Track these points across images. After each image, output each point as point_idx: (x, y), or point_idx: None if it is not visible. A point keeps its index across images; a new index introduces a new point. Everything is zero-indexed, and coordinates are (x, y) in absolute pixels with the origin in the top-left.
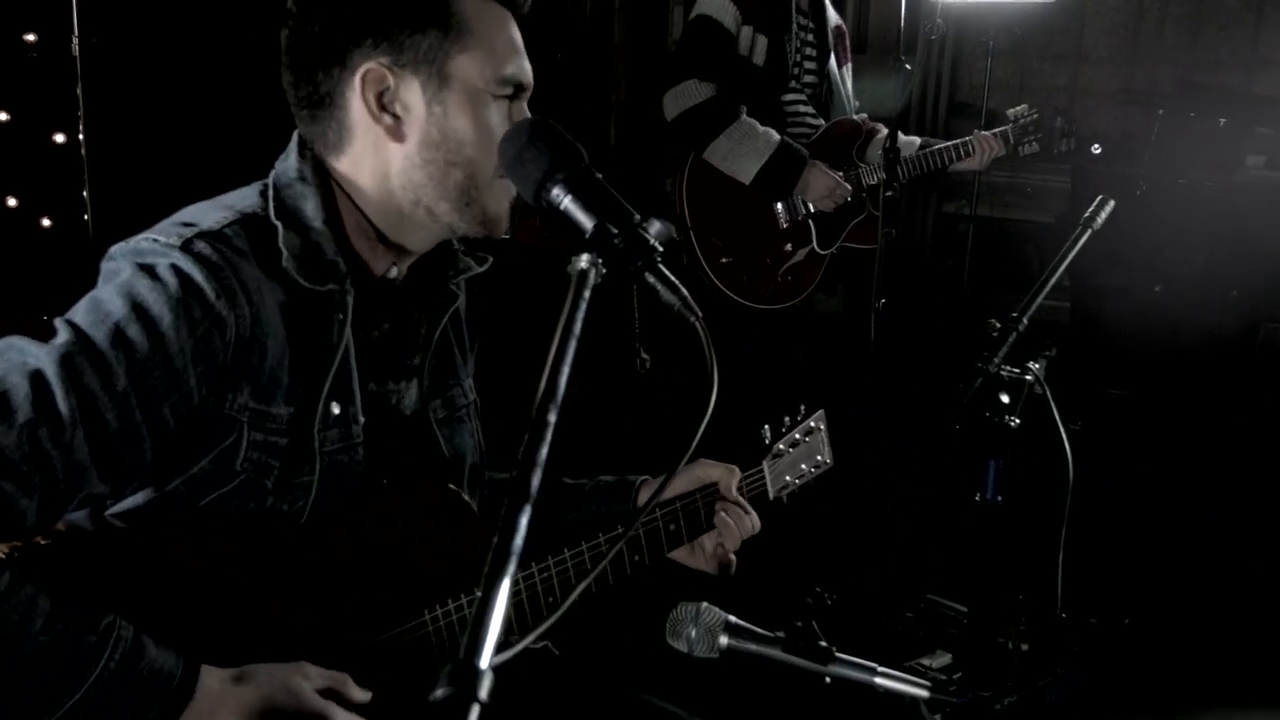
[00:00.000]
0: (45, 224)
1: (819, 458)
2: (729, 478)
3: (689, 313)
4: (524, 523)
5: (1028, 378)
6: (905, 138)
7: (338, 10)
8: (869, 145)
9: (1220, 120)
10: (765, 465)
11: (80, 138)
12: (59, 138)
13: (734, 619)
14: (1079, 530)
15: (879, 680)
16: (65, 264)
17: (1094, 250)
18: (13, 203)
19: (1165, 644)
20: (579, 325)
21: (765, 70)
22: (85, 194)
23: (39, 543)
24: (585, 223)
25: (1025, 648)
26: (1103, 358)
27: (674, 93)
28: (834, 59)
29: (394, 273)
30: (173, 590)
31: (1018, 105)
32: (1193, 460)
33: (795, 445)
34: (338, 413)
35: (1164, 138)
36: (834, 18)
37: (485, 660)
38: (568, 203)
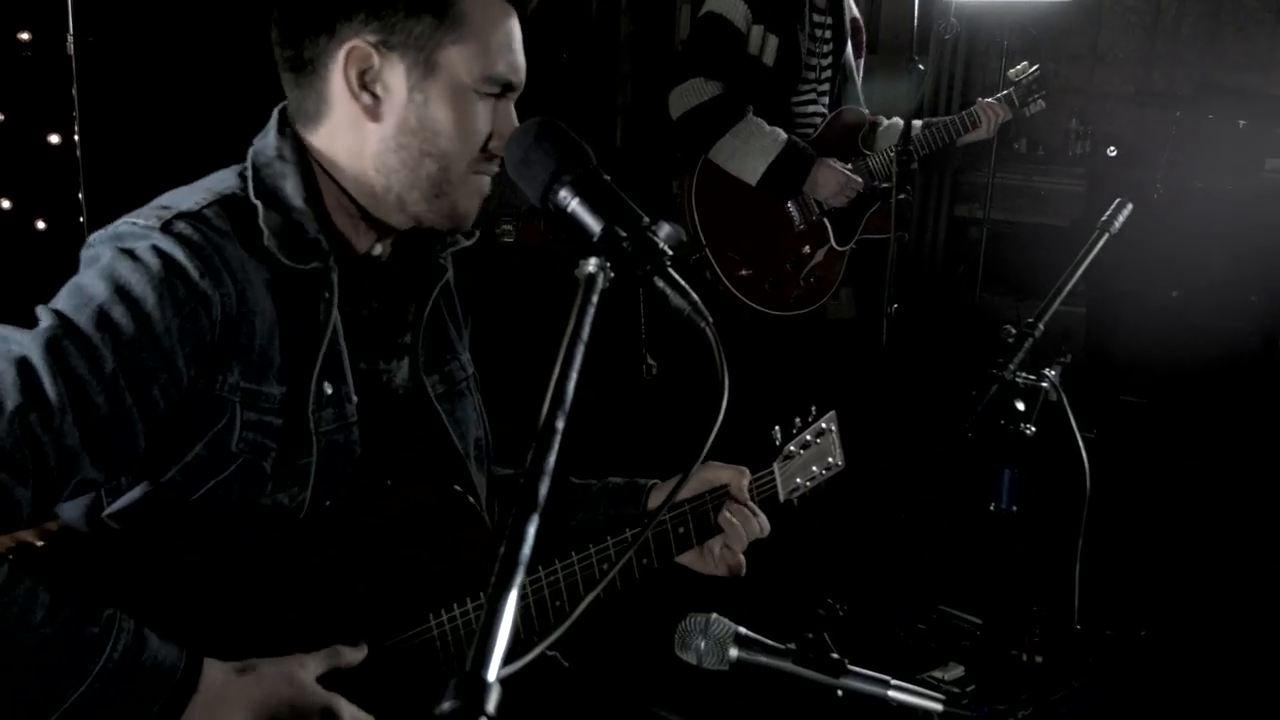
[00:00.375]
0: (40, 226)
1: (830, 460)
2: (739, 479)
3: (699, 318)
4: (531, 532)
5: (1043, 385)
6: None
7: None
8: (874, 133)
9: (1239, 122)
10: (776, 467)
11: (75, 138)
12: (54, 138)
13: (744, 630)
14: (1095, 541)
15: (892, 694)
16: (60, 267)
17: (1110, 255)
18: (6, 205)
19: (1182, 657)
20: (587, 330)
21: (775, 70)
22: (80, 196)
23: (36, 545)
24: (593, 225)
25: (1040, 660)
26: (1119, 365)
27: (679, 91)
28: (850, 51)
29: (378, 250)
30: (171, 592)
31: (1017, 65)
32: (1211, 469)
33: (806, 447)
34: (330, 392)
35: (1181, 140)
36: (852, 9)
37: (493, 673)
38: (575, 205)
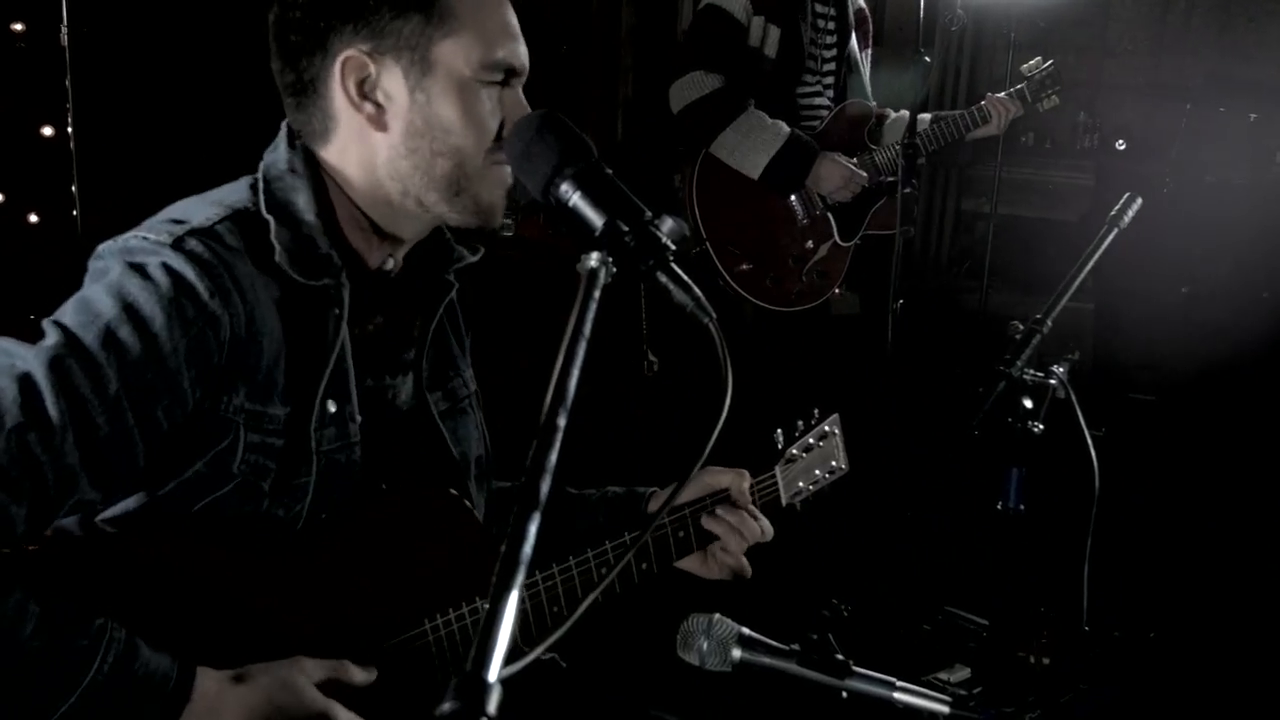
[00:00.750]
0: (32, 220)
1: (834, 463)
2: (739, 481)
3: (702, 314)
4: (533, 530)
5: (1051, 382)
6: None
7: None
8: (881, 127)
9: (1251, 115)
10: (778, 471)
11: (69, 131)
12: (47, 131)
13: (747, 631)
14: (1104, 540)
15: (898, 695)
16: (53, 261)
17: (1119, 250)
18: None
19: (1192, 659)
20: (589, 326)
21: (778, 62)
22: (74, 189)
23: (28, 549)
24: (595, 220)
25: (1047, 662)
26: (1128, 362)
27: (680, 84)
28: (855, 42)
29: (389, 264)
30: (165, 598)
31: (1028, 59)
32: (1222, 468)
33: (809, 450)
34: (334, 411)
35: (1191, 133)
36: (857, 0)
37: (494, 673)
38: (577, 199)
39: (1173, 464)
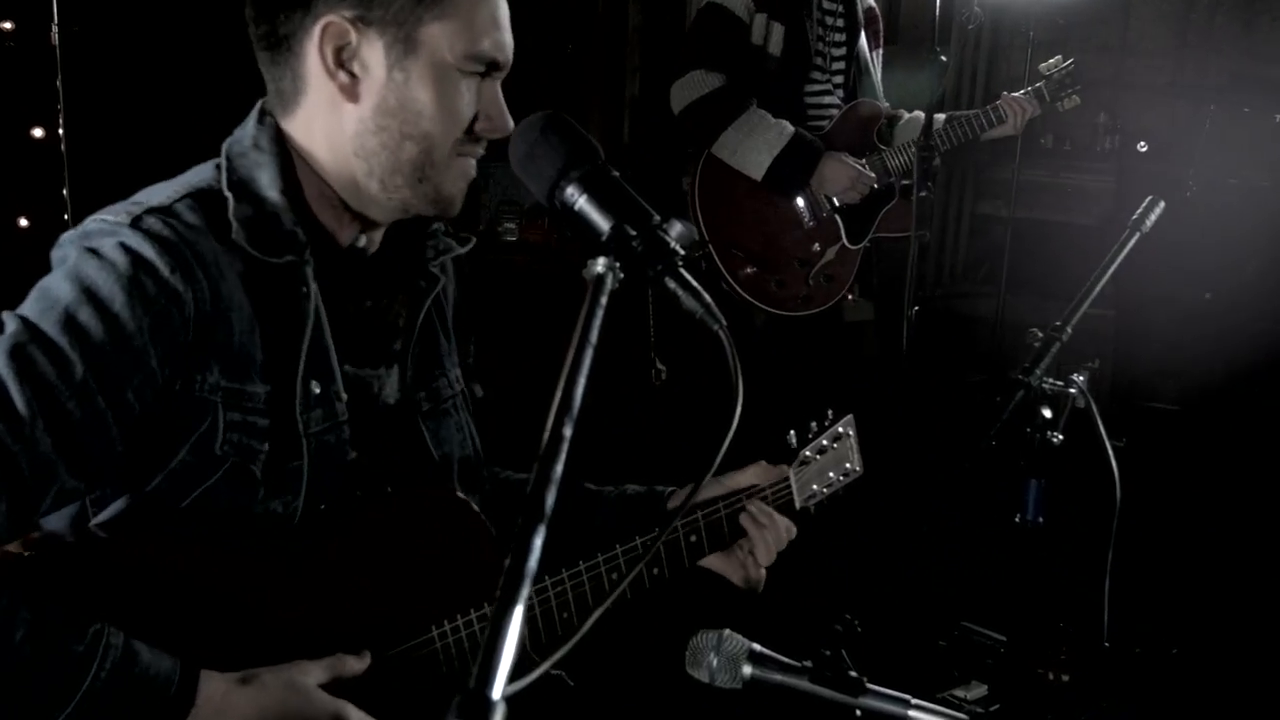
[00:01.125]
0: (23, 224)
1: (848, 465)
2: (764, 475)
3: (712, 320)
4: (538, 543)
5: (1071, 391)
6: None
7: None
8: (892, 128)
9: (1276, 116)
10: (791, 473)
11: (60, 132)
12: (37, 132)
13: (758, 647)
14: (1125, 554)
15: (913, 714)
16: (44, 267)
17: (1141, 255)
18: None
19: (1216, 676)
20: (595, 333)
21: (784, 60)
22: (65, 192)
23: (21, 555)
24: (601, 224)
25: (1067, 679)
26: (1150, 370)
27: (680, 84)
28: (864, 42)
29: (363, 241)
30: (161, 604)
31: (1048, 58)
32: (1246, 480)
33: (823, 452)
34: (319, 392)
35: (1215, 135)
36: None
37: (498, 690)
38: (583, 203)
39: (1196, 475)
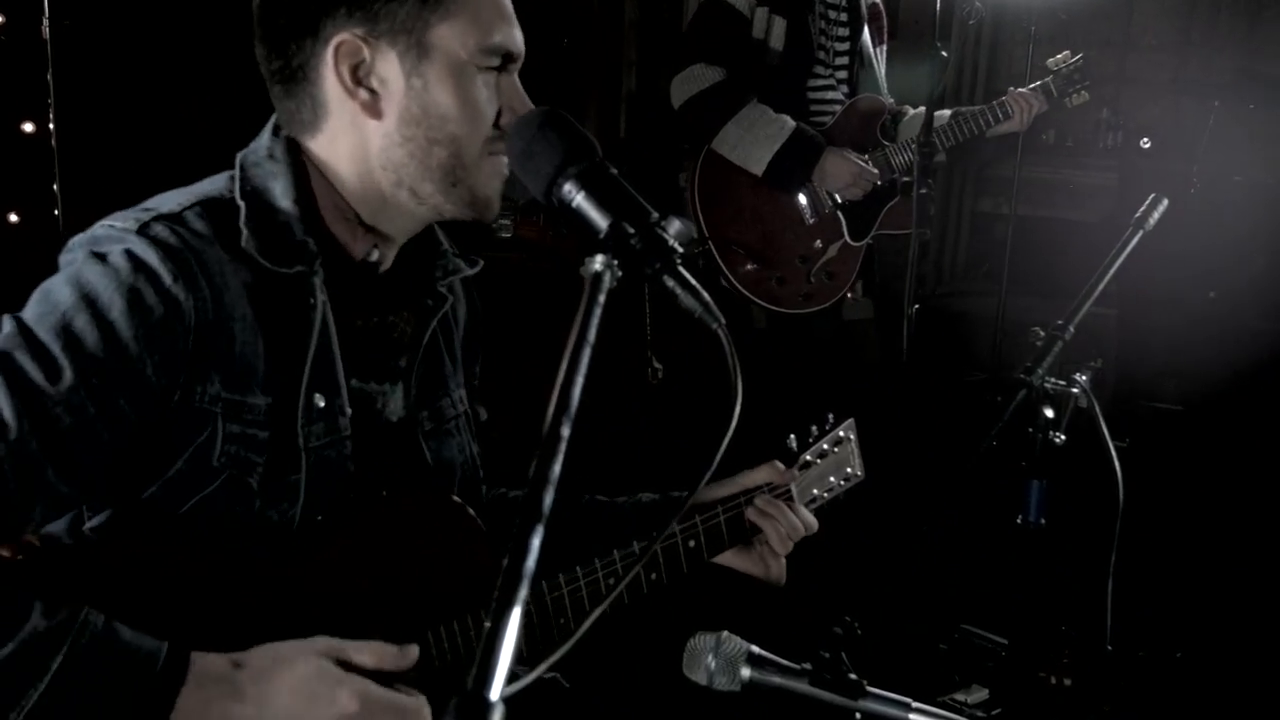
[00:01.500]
0: (13, 219)
1: (849, 470)
2: (775, 474)
3: (711, 319)
4: (536, 544)
5: (1073, 391)
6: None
7: None
8: (896, 123)
9: None
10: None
11: (50, 127)
12: (28, 127)
13: (756, 649)
14: (1128, 556)
15: (914, 717)
16: (34, 264)
17: (1144, 253)
18: None
19: (1220, 680)
20: (593, 332)
21: (786, 54)
22: (56, 187)
23: (13, 558)
24: (599, 221)
25: (1069, 683)
26: (1153, 370)
27: (680, 78)
28: (867, 36)
29: (375, 255)
30: (152, 608)
31: (1058, 54)
32: (1250, 481)
33: (823, 456)
34: (322, 405)
35: (1220, 131)
36: None
37: (495, 692)
38: (580, 200)
39: (1200, 476)
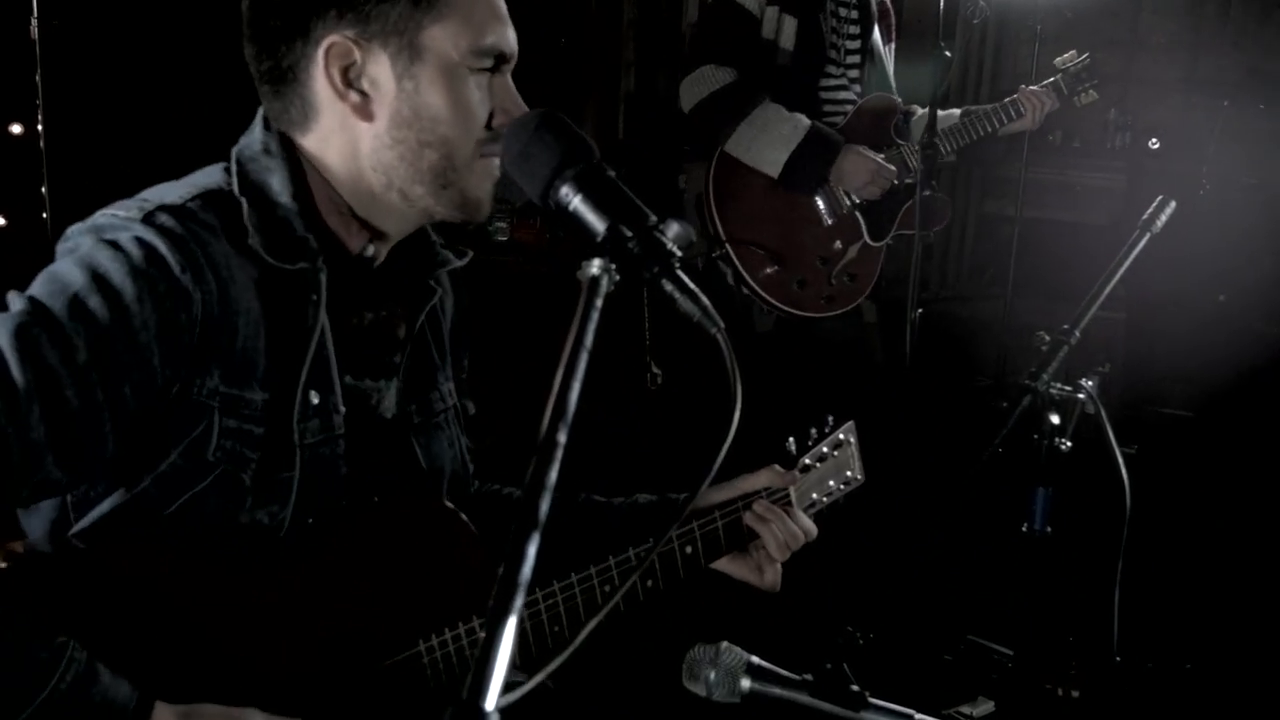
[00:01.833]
0: (0, 222)
1: (849, 474)
2: (775, 479)
3: (710, 323)
4: (532, 551)
5: (1079, 396)
6: (941, 112)
7: None
8: (909, 122)
9: None
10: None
11: (39, 129)
12: (15, 129)
13: (757, 660)
14: (1135, 565)
15: None
16: (22, 268)
17: (1152, 256)
18: None
19: (1231, 692)
20: (590, 337)
21: (797, 54)
22: (44, 190)
23: None
24: (597, 224)
25: (1076, 695)
26: (1161, 375)
27: (690, 80)
28: (878, 35)
29: (371, 250)
30: (141, 619)
31: (1065, 53)
32: (1260, 488)
33: (823, 460)
34: (317, 402)
35: (1229, 132)
36: None
37: (491, 702)
38: (577, 203)
39: (1209, 484)
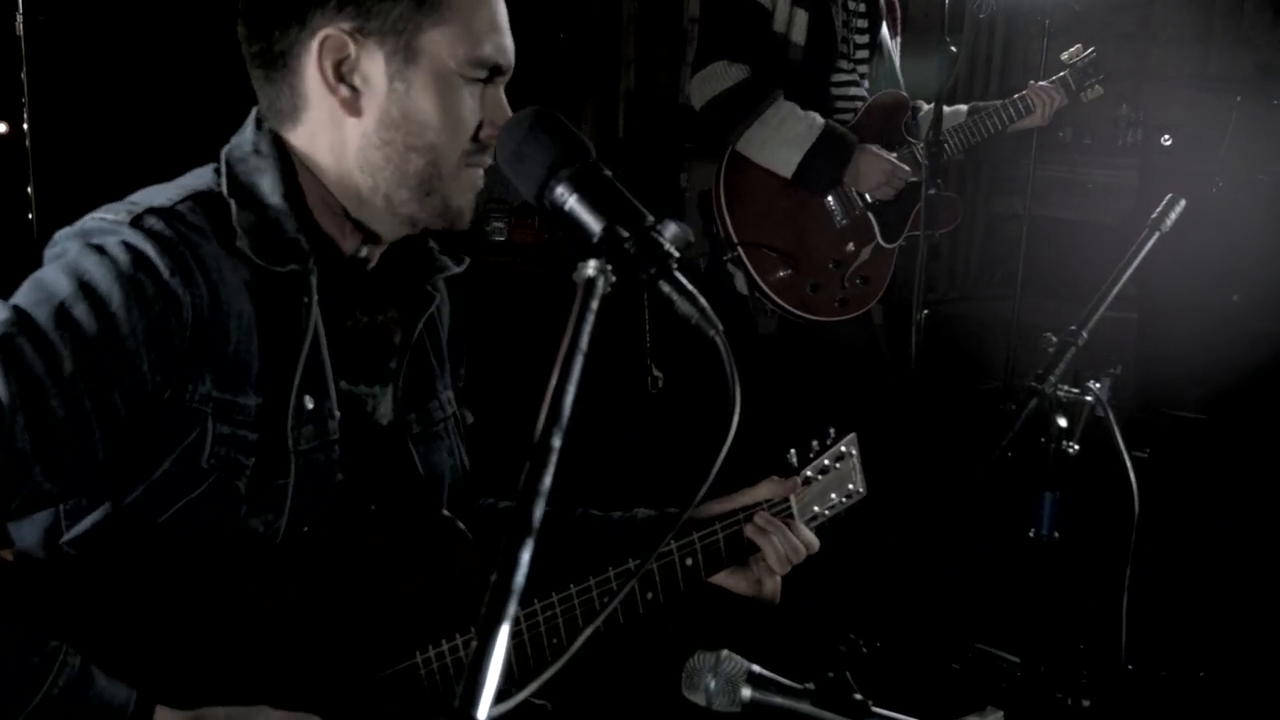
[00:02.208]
0: None
1: (850, 486)
2: (777, 490)
3: (708, 326)
4: (525, 559)
5: (1088, 399)
6: (948, 109)
7: None
8: (918, 119)
9: None
10: (791, 495)
11: (24, 127)
12: (1, 127)
13: (758, 669)
14: (1145, 571)
15: None
16: (8, 267)
17: (1163, 255)
18: None
19: (1244, 701)
20: (586, 339)
21: (809, 48)
22: (30, 190)
23: None
24: (593, 225)
25: (1087, 704)
26: (1173, 377)
27: (700, 77)
28: (885, 29)
29: (364, 252)
30: (134, 627)
31: (1070, 48)
32: (1273, 492)
33: (824, 472)
34: (311, 407)
35: (1243, 128)
36: None
37: (483, 712)
38: (573, 203)
39: (1221, 488)
